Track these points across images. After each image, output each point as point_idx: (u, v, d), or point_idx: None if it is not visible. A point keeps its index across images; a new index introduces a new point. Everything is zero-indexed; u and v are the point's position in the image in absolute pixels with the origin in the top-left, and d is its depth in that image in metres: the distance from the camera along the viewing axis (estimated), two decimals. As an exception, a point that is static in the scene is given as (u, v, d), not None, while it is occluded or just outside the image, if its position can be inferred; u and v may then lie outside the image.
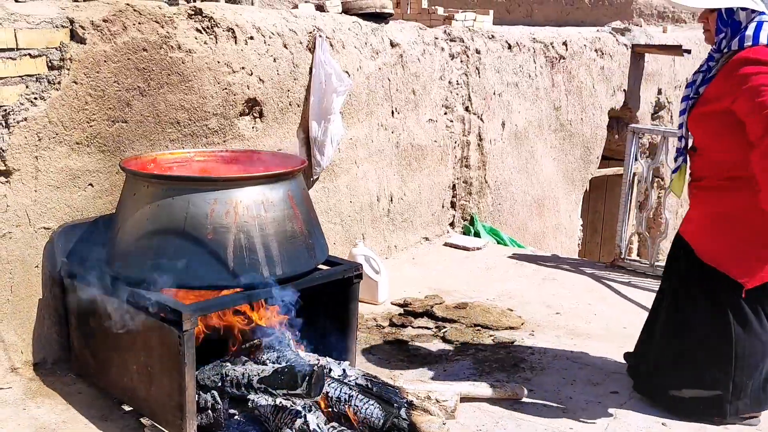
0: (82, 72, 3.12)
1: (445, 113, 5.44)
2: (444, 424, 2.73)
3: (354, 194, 4.71)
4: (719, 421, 2.96)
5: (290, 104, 4.12)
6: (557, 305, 4.32)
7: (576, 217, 7.50)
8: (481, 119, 5.70)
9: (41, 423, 2.81)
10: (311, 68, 4.16)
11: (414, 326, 3.94)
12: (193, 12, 3.54)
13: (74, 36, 3.09)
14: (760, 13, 2.73)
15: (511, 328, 3.94)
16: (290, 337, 3.06)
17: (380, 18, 4.80)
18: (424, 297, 4.34)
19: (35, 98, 3.00)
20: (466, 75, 5.53)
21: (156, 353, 2.69)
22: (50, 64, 3.03)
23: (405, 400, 2.76)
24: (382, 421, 2.66)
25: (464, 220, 5.77)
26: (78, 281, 3.00)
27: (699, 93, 2.85)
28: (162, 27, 3.38)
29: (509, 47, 5.96)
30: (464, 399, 3.07)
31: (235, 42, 3.72)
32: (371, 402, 2.70)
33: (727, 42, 2.77)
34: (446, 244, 5.44)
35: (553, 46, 6.47)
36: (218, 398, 2.74)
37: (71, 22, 3.07)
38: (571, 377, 3.38)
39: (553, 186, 6.87)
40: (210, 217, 2.73)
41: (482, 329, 3.91)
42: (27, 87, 2.97)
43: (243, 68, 3.78)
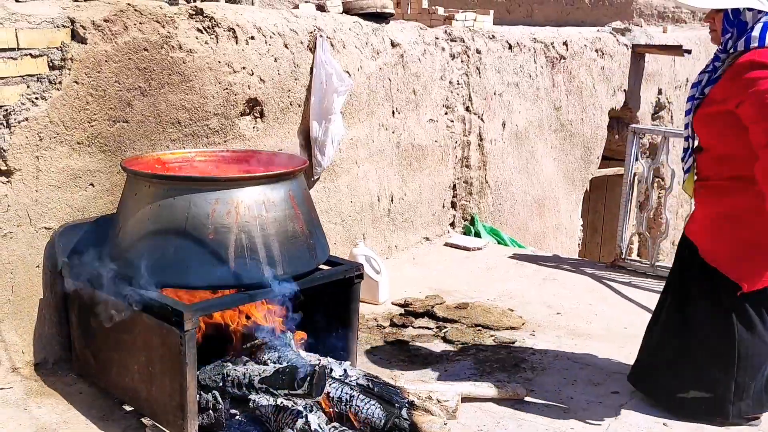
0: (83, 72, 3.12)
1: (446, 113, 5.44)
2: (445, 425, 2.73)
3: (355, 194, 4.71)
4: (721, 422, 2.95)
5: (291, 104, 4.12)
6: (558, 305, 4.32)
7: (576, 217, 7.50)
8: (482, 119, 5.70)
9: (42, 423, 2.81)
10: (312, 68, 4.16)
11: (415, 326, 3.94)
12: (194, 12, 3.54)
13: (75, 36, 3.09)
14: (767, 14, 2.72)
15: (512, 329, 3.94)
16: (291, 337, 3.06)
17: (381, 18, 4.80)
18: (425, 297, 4.34)
19: (36, 98, 3.00)
20: (467, 75, 5.53)
21: (157, 353, 2.69)
22: (51, 64, 3.03)
23: (406, 401, 2.76)
24: (384, 421, 2.66)
25: (465, 220, 5.77)
26: (79, 281, 3.00)
27: (704, 93, 2.84)
28: (163, 27, 3.38)
29: (510, 47, 5.96)
30: (465, 399, 3.07)
31: (236, 42, 3.72)
32: (372, 402, 2.70)
33: (734, 42, 2.76)
34: (447, 244, 5.44)
35: (554, 46, 6.47)
36: (219, 398, 2.74)
37: (72, 22, 3.07)
38: (572, 377, 3.37)
39: (554, 186, 6.87)
40: (211, 217, 2.73)
41: (483, 329, 3.91)
42: (28, 87, 2.97)
43: (244, 68, 3.78)
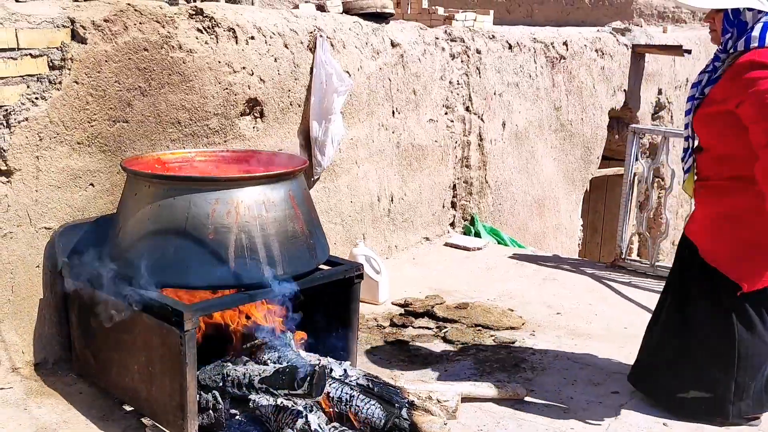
0: (83, 72, 3.11)
1: (446, 113, 5.44)
2: (445, 425, 2.73)
3: (355, 194, 4.71)
4: (721, 422, 2.95)
5: (291, 104, 4.12)
6: (558, 305, 4.32)
7: (576, 217, 7.50)
8: (482, 119, 5.70)
9: (42, 423, 2.81)
10: (312, 68, 4.16)
11: (415, 326, 3.94)
12: (194, 12, 3.54)
13: (75, 36, 3.09)
14: (767, 14, 2.71)
15: (512, 329, 3.94)
16: (291, 337, 3.06)
17: (381, 18, 4.80)
18: (425, 297, 4.34)
19: (36, 98, 3.00)
20: (467, 75, 5.53)
21: (157, 353, 2.69)
22: (51, 64, 3.03)
23: (406, 401, 2.76)
24: (384, 421, 2.66)
25: (465, 220, 5.77)
26: (79, 281, 3.00)
27: (705, 93, 2.84)
28: (163, 27, 3.38)
29: (510, 47, 5.96)
30: (465, 399, 3.07)
31: (236, 42, 3.72)
32: (372, 402, 2.70)
33: (734, 42, 2.75)
34: (447, 244, 5.44)
35: (554, 46, 6.47)
36: (219, 398, 2.74)
37: (72, 22, 3.07)
38: (572, 377, 3.37)
39: (554, 186, 6.87)
40: (211, 217, 2.73)
41: (483, 329, 3.90)
42: (28, 87, 2.97)
43: (244, 68, 3.78)
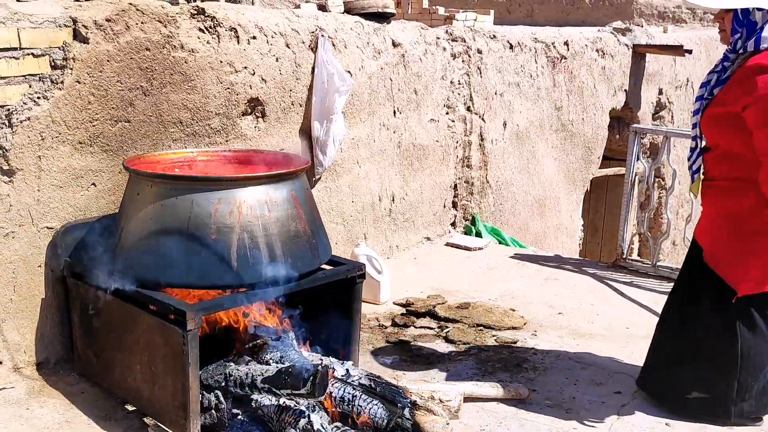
0: (85, 71, 3.11)
1: (447, 113, 5.44)
2: (448, 424, 2.73)
3: (356, 194, 4.71)
4: (723, 422, 2.95)
5: (292, 104, 4.12)
6: (559, 305, 4.32)
7: (577, 217, 7.50)
8: (483, 119, 5.70)
9: (44, 423, 2.81)
10: (313, 68, 4.16)
11: (416, 326, 3.94)
12: (196, 12, 3.53)
13: (77, 35, 3.09)
14: None
15: (514, 328, 3.94)
16: (293, 337, 3.05)
17: (382, 18, 4.79)
18: (426, 297, 4.34)
19: (38, 98, 2.99)
20: (468, 75, 5.53)
21: (160, 353, 2.69)
22: (53, 64, 3.03)
23: (408, 400, 2.76)
24: (386, 421, 2.66)
25: (466, 220, 5.77)
26: (81, 281, 3.00)
27: (713, 94, 2.83)
28: (165, 26, 3.37)
29: (511, 47, 5.95)
30: (468, 399, 3.07)
31: (238, 42, 3.72)
32: (375, 402, 2.70)
33: (743, 42, 2.75)
34: (448, 244, 5.44)
35: (555, 46, 6.47)
36: (222, 398, 2.74)
37: (74, 22, 3.07)
38: (574, 377, 3.37)
39: (555, 186, 6.87)
40: (214, 217, 2.73)
41: (485, 329, 3.90)
42: (30, 86, 2.97)
43: (245, 68, 3.77)
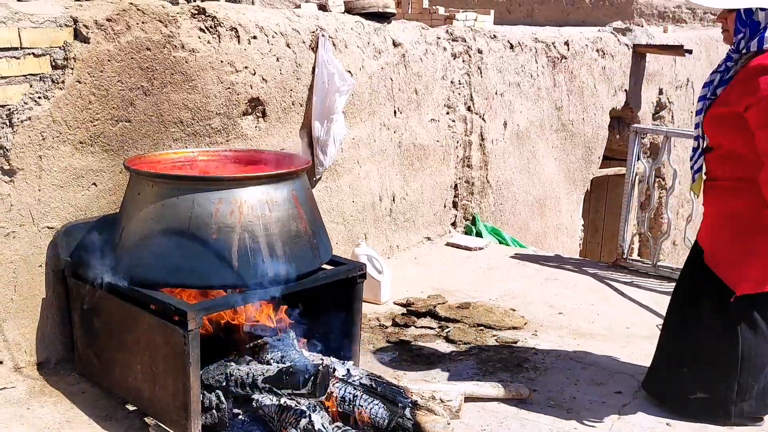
0: (86, 71, 3.11)
1: (447, 113, 5.44)
2: (448, 424, 2.73)
3: (356, 194, 4.71)
4: (724, 422, 2.95)
5: (293, 104, 4.12)
6: (560, 305, 4.32)
7: (577, 217, 7.50)
8: (483, 119, 5.70)
9: (45, 423, 2.81)
10: (314, 68, 4.16)
11: (417, 326, 3.94)
12: (197, 11, 3.53)
13: (78, 35, 3.08)
14: None
15: (514, 328, 3.94)
16: (294, 337, 3.05)
17: (383, 17, 4.79)
18: (427, 297, 4.34)
19: (39, 97, 2.99)
20: (468, 75, 5.53)
21: (160, 353, 2.68)
22: (54, 64, 3.03)
23: (409, 400, 2.76)
24: (387, 421, 2.65)
25: (466, 220, 5.77)
26: (82, 281, 3.00)
27: (716, 94, 2.82)
28: (165, 26, 3.37)
29: (511, 47, 5.95)
30: (468, 399, 3.07)
31: (239, 41, 3.71)
32: (376, 402, 2.70)
33: (746, 42, 2.74)
34: (448, 244, 5.44)
35: (555, 46, 6.47)
36: (223, 398, 2.74)
37: (75, 21, 3.07)
38: (575, 377, 3.37)
39: (555, 186, 6.87)
40: (214, 217, 2.72)
41: (485, 329, 3.90)
42: (31, 86, 2.97)
43: (246, 68, 3.77)
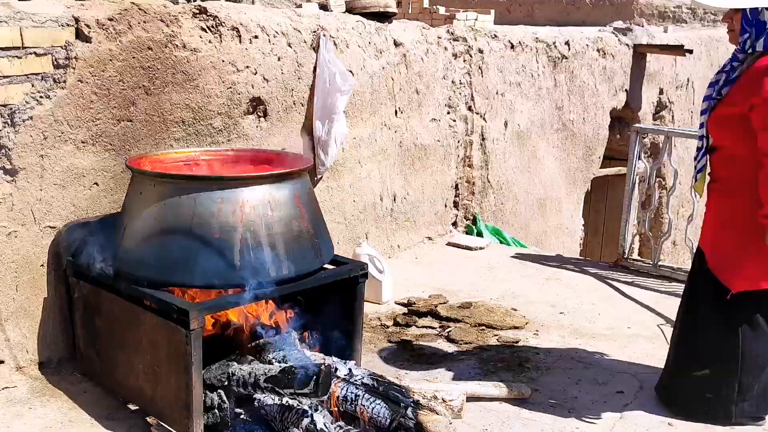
0: (88, 71, 3.11)
1: (448, 113, 5.44)
2: (450, 424, 2.73)
3: (357, 193, 4.71)
4: (725, 422, 2.95)
5: (294, 103, 4.12)
6: (561, 305, 4.32)
7: (578, 217, 7.49)
8: (484, 119, 5.70)
9: (47, 422, 2.81)
10: (315, 67, 4.16)
11: (418, 326, 3.94)
12: (198, 11, 3.53)
13: (80, 35, 3.09)
14: None
15: (516, 328, 3.94)
16: (296, 337, 3.05)
17: (384, 17, 4.79)
18: (428, 296, 4.34)
19: (41, 97, 2.99)
20: (469, 74, 5.53)
21: (162, 352, 2.69)
22: (56, 63, 3.03)
23: (411, 400, 2.75)
24: (389, 421, 2.65)
25: (467, 220, 5.77)
26: (83, 280, 3.00)
27: (721, 94, 2.81)
28: (167, 26, 3.37)
29: (512, 47, 5.95)
30: (470, 399, 3.07)
31: (240, 41, 3.71)
32: (378, 401, 2.69)
33: (752, 42, 2.73)
34: (449, 244, 5.44)
35: (556, 46, 6.47)
36: (225, 397, 2.74)
37: (77, 21, 3.07)
38: (577, 377, 3.37)
39: (555, 186, 6.87)
40: (217, 216, 2.73)
41: (486, 329, 3.90)
42: (33, 86, 2.97)
43: (247, 67, 3.77)
